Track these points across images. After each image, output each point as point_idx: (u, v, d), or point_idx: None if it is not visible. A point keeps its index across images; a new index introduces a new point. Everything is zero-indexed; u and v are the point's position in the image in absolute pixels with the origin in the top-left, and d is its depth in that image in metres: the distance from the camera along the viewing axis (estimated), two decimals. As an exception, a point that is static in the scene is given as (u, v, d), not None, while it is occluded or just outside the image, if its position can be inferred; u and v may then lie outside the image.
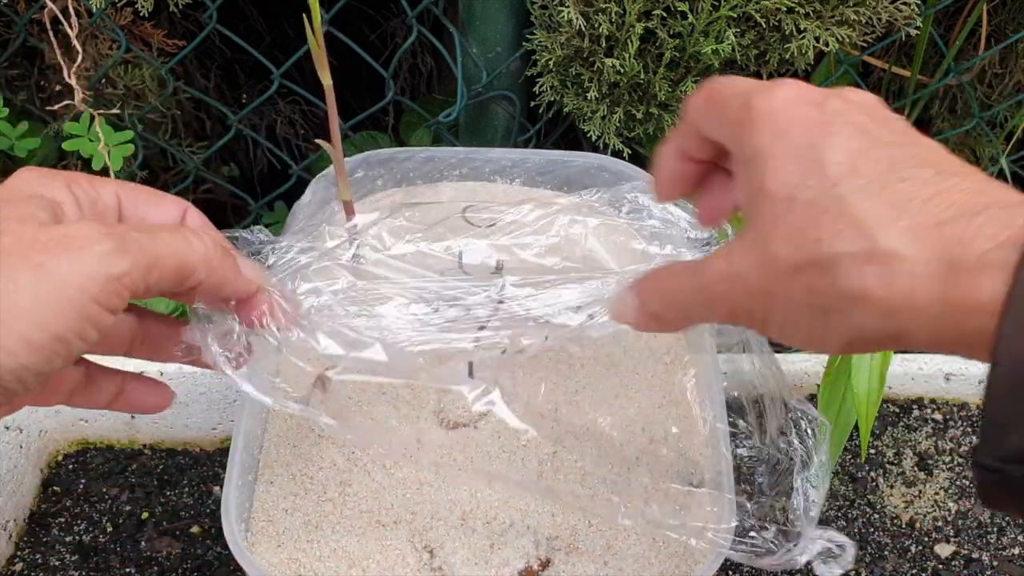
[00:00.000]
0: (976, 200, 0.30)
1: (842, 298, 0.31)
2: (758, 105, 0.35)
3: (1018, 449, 0.28)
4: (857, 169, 0.32)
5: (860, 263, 0.31)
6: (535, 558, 0.53)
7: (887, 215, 0.31)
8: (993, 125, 1.02)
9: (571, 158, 0.69)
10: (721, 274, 0.35)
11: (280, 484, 0.55)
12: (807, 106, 0.34)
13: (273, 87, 0.87)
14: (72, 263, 0.34)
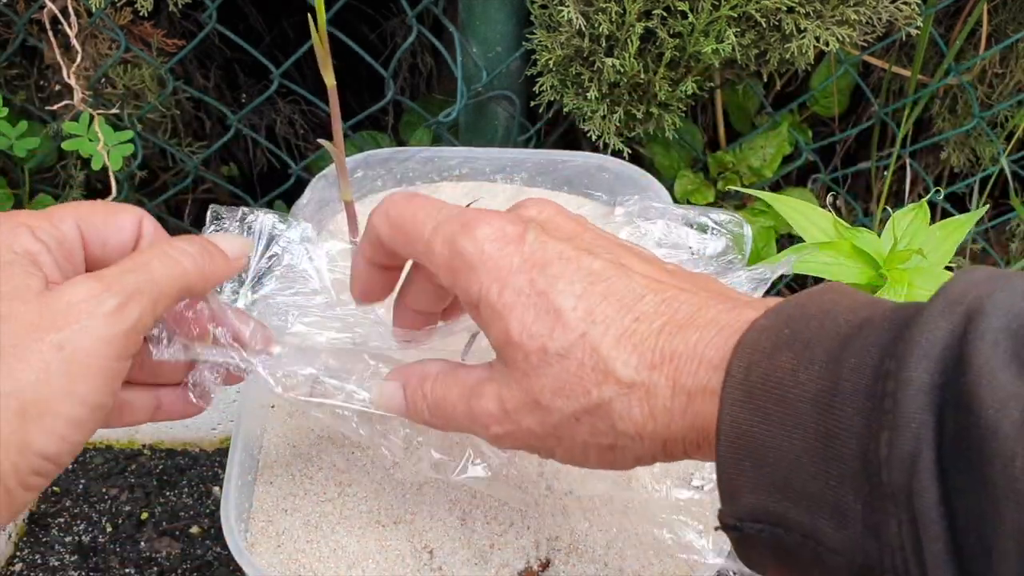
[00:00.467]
0: (695, 324, 0.35)
1: (622, 437, 0.36)
2: (466, 249, 0.37)
3: (751, 508, 0.32)
4: (594, 315, 0.35)
5: (628, 406, 0.35)
6: (535, 559, 0.53)
7: (638, 360, 0.35)
8: (994, 125, 1.02)
9: (571, 158, 0.69)
10: (497, 418, 0.38)
11: (280, 484, 0.55)
12: (512, 245, 0.37)
13: (273, 87, 0.87)
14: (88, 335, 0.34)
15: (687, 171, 0.97)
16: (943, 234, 0.66)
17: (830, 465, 0.30)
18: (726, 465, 0.33)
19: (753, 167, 0.97)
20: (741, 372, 0.33)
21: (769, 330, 0.33)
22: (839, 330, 0.32)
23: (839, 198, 1.06)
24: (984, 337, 0.28)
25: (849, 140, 1.08)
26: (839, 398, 0.30)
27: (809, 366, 0.31)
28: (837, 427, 0.30)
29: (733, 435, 0.32)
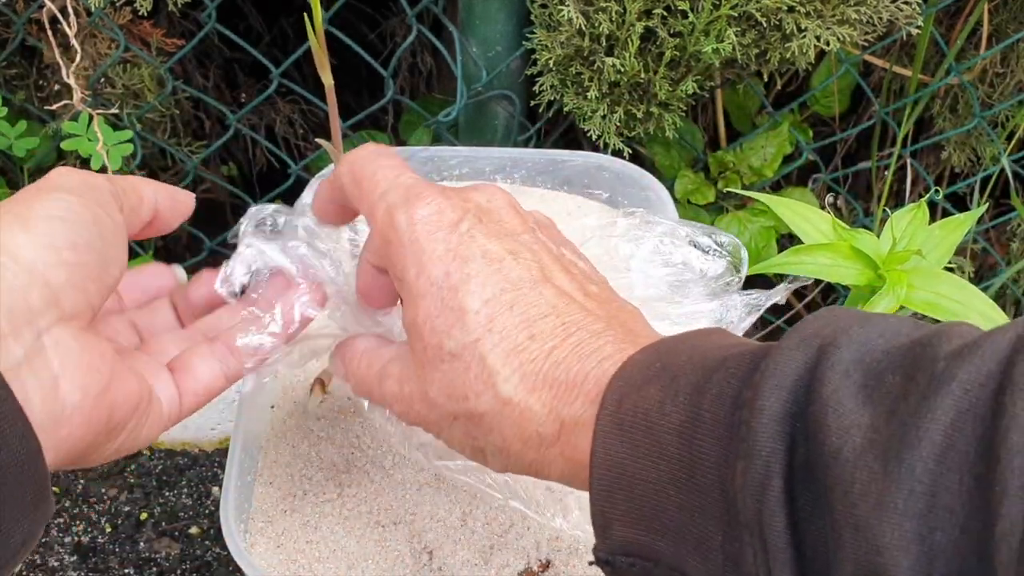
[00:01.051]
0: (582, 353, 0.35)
1: (491, 446, 0.37)
2: (400, 224, 0.38)
3: (622, 541, 0.32)
4: (493, 324, 0.36)
5: (499, 423, 0.36)
6: (535, 559, 0.52)
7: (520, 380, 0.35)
8: (994, 125, 1.01)
9: (571, 158, 0.69)
10: (397, 398, 0.40)
11: (279, 485, 0.55)
12: (443, 231, 0.37)
13: (272, 86, 0.86)
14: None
15: (687, 171, 0.97)
16: (942, 233, 0.66)
17: (693, 495, 0.30)
18: (598, 497, 0.33)
19: (754, 167, 0.97)
20: (613, 404, 0.33)
21: (642, 364, 0.34)
22: (705, 364, 0.32)
23: (840, 198, 1.06)
24: (835, 368, 0.28)
25: (850, 140, 1.08)
26: (700, 428, 0.30)
27: (675, 398, 0.31)
28: (699, 457, 0.30)
29: (605, 467, 0.32)
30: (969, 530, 0.24)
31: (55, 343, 0.33)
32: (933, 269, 0.64)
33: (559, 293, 0.37)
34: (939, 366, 0.27)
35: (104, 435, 0.36)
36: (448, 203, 0.38)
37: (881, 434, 0.26)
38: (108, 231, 0.37)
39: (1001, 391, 0.25)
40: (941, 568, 0.24)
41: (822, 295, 1.12)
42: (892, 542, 0.25)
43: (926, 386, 0.26)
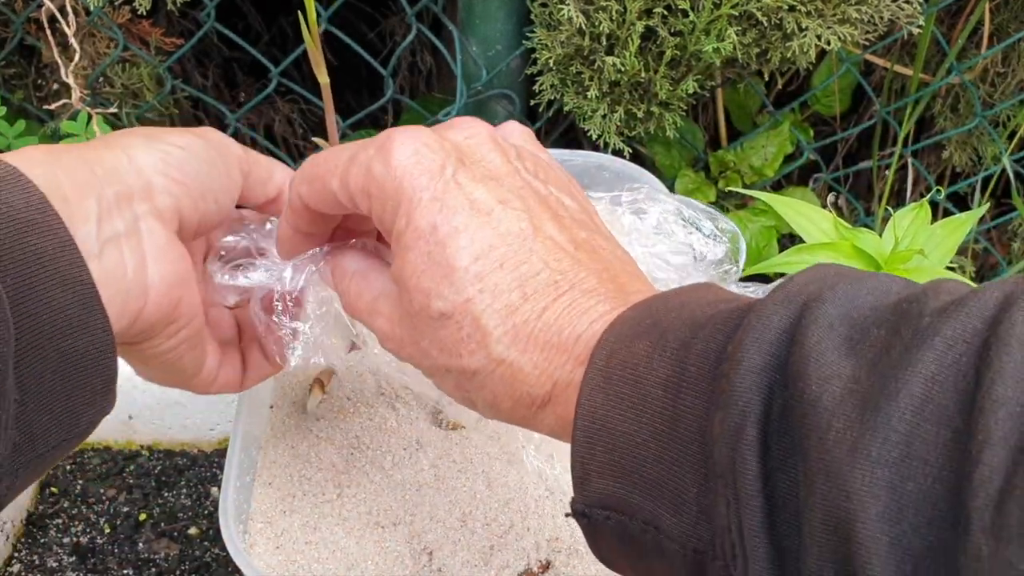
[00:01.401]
0: (575, 311, 0.35)
1: (482, 402, 0.37)
2: (379, 174, 0.37)
3: (600, 494, 0.32)
4: (484, 282, 0.35)
5: (491, 381, 0.36)
6: (535, 560, 0.52)
7: (512, 340, 0.35)
8: (996, 124, 1.01)
9: (571, 157, 0.69)
10: (387, 336, 0.40)
11: (278, 485, 0.55)
12: (428, 176, 0.36)
13: (271, 86, 0.86)
14: None
15: (688, 170, 0.96)
16: (944, 233, 0.66)
17: (673, 448, 0.30)
18: (580, 450, 0.33)
19: (754, 166, 0.96)
20: (602, 359, 0.33)
21: (632, 320, 0.34)
22: (695, 319, 0.32)
23: (841, 197, 1.05)
24: (819, 321, 0.28)
25: (851, 139, 1.08)
26: (686, 382, 0.30)
27: (663, 353, 0.32)
28: (682, 410, 0.30)
29: (588, 420, 0.33)
30: (943, 480, 0.24)
31: (148, 230, 0.39)
32: (935, 269, 0.64)
33: (550, 246, 0.36)
34: (924, 321, 0.27)
35: (164, 323, 0.40)
36: (425, 144, 0.37)
37: (861, 384, 0.26)
38: (218, 177, 0.42)
39: (986, 347, 0.25)
40: (911, 517, 0.24)
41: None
42: (862, 488, 0.25)
43: (910, 340, 0.26)
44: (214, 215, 0.43)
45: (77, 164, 0.37)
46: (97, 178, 0.37)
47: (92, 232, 0.36)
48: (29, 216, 0.33)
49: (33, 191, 0.34)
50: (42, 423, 0.34)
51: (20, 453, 0.33)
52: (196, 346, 0.43)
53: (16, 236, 0.33)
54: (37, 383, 0.33)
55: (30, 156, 0.36)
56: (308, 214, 0.42)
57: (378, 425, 0.57)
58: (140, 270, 0.38)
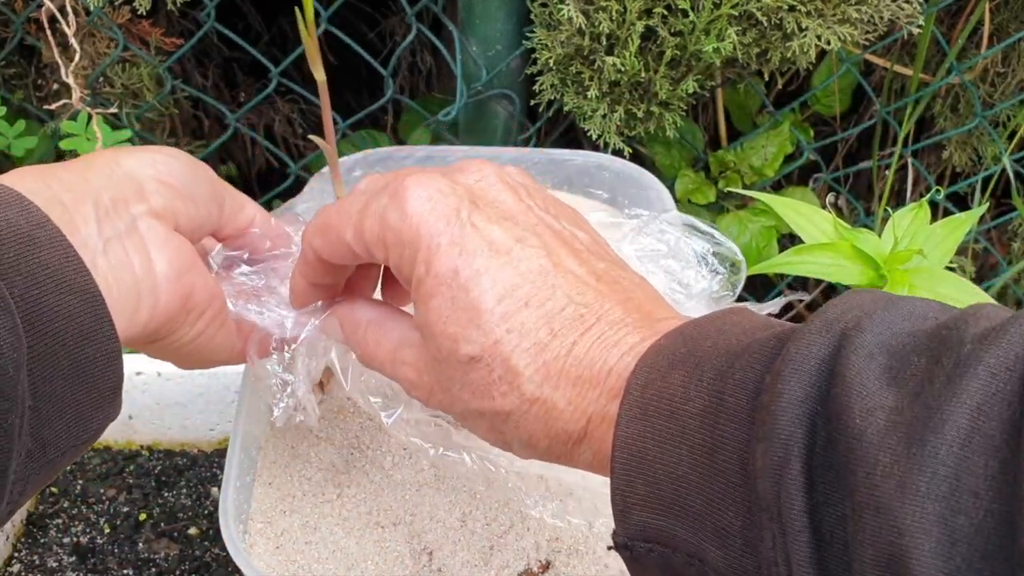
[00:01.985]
0: (604, 344, 0.35)
1: (517, 443, 0.37)
2: (395, 224, 0.37)
3: (642, 527, 0.32)
4: (510, 322, 0.35)
5: (526, 420, 0.36)
6: (536, 560, 0.52)
7: (544, 378, 0.35)
8: (996, 124, 1.01)
9: (571, 157, 0.69)
10: (414, 384, 0.40)
11: (278, 485, 0.55)
12: (443, 222, 0.36)
13: (271, 86, 0.86)
14: None
15: (688, 170, 0.96)
16: (943, 233, 0.66)
17: (713, 481, 0.30)
18: (619, 482, 0.33)
19: (754, 166, 0.96)
20: (637, 391, 0.33)
21: (667, 350, 0.34)
22: (730, 349, 0.32)
23: (841, 197, 1.05)
24: (858, 352, 0.28)
25: (851, 139, 1.08)
26: (723, 413, 0.30)
27: (699, 383, 0.31)
28: (721, 441, 0.30)
29: (627, 452, 0.32)
30: (994, 512, 0.24)
31: (147, 227, 0.40)
32: (935, 269, 0.63)
33: (572, 280, 0.36)
34: (965, 349, 0.26)
35: (184, 311, 0.41)
36: (438, 189, 0.37)
37: (905, 416, 0.26)
38: (200, 187, 0.43)
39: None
40: (964, 551, 0.24)
41: (823, 295, 1.11)
42: (913, 524, 0.24)
43: (952, 369, 0.26)
44: (205, 221, 0.44)
45: (70, 176, 0.38)
46: (92, 185, 0.38)
47: (93, 233, 0.37)
48: (31, 232, 0.34)
49: (33, 209, 0.35)
50: (53, 429, 0.35)
51: (32, 459, 0.34)
52: (223, 325, 0.44)
53: (21, 250, 0.34)
54: (49, 390, 0.34)
55: (22, 173, 0.37)
56: (321, 266, 0.42)
57: (378, 425, 0.57)
58: (147, 264, 0.39)
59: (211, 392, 0.83)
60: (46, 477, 0.36)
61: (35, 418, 0.33)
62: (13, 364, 0.32)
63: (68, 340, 0.34)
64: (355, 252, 0.39)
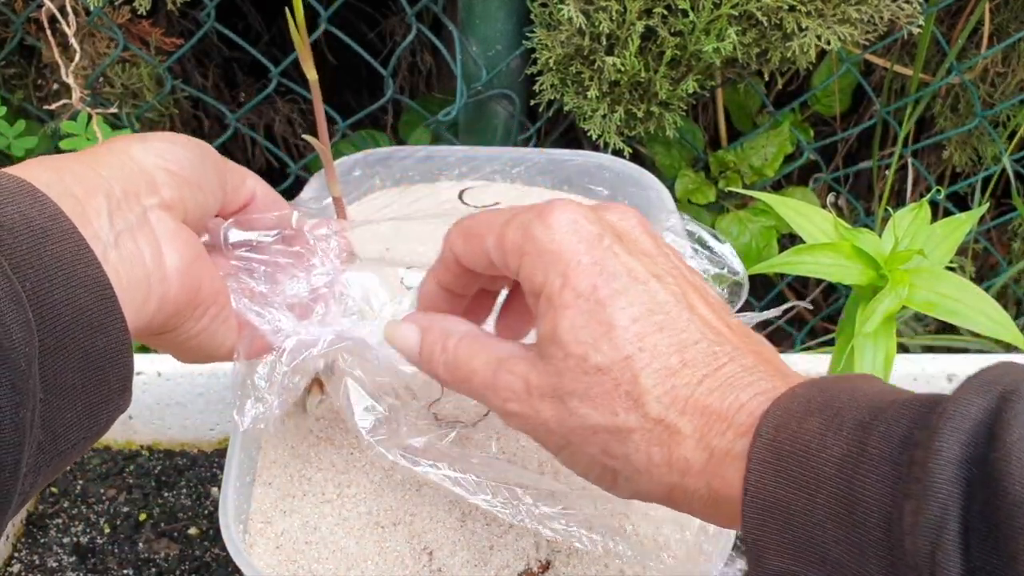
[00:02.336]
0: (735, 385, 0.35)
1: (630, 466, 0.36)
2: (538, 236, 0.38)
3: (776, 572, 0.32)
4: (644, 342, 0.35)
5: (647, 441, 0.35)
6: (535, 560, 0.52)
7: (671, 402, 0.35)
8: (996, 124, 1.01)
9: (571, 157, 0.69)
10: (518, 397, 0.38)
11: (278, 485, 0.55)
12: (585, 243, 0.37)
13: (271, 86, 0.86)
14: None
15: (688, 170, 0.96)
16: (944, 233, 0.66)
17: (853, 531, 0.30)
18: (751, 527, 0.33)
19: (754, 166, 0.96)
20: (770, 434, 0.33)
21: (802, 397, 0.33)
22: (872, 402, 0.32)
23: (841, 197, 1.05)
24: (1019, 417, 0.28)
25: (851, 139, 1.08)
26: (864, 463, 0.30)
27: (838, 431, 0.31)
28: (861, 493, 0.30)
29: (759, 496, 0.32)
30: None
31: (157, 219, 0.40)
32: (935, 269, 0.63)
33: (705, 322, 0.37)
34: None
35: (192, 305, 0.42)
36: (584, 216, 0.38)
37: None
38: (207, 172, 0.44)
39: None
40: None
41: (823, 295, 1.12)
42: None
43: None
44: (211, 207, 0.45)
45: (81, 168, 0.39)
46: (103, 178, 0.39)
47: (105, 225, 0.38)
48: (44, 225, 0.34)
49: (46, 201, 0.35)
50: (64, 421, 0.35)
51: (43, 452, 0.34)
52: (226, 320, 0.45)
53: (34, 243, 0.34)
54: (59, 382, 0.34)
55: (35, 165, 0.38)
56: (456, 269, 0.43)
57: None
58: (158, 256, 0.40)
59: (211, 392, 0.83)
60: (56, 469, 0.36)
61: (46, 410, 0.34)
62: (25, 358, 0.32)
63: (79, 333, 0.35)
64: (490, 259, 0.40)
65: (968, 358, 0.87)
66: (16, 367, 0.31)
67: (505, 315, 0.47)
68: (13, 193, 0.35)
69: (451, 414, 0.56)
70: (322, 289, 0.49)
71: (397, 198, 0.67)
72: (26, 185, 0.35)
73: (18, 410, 0.32)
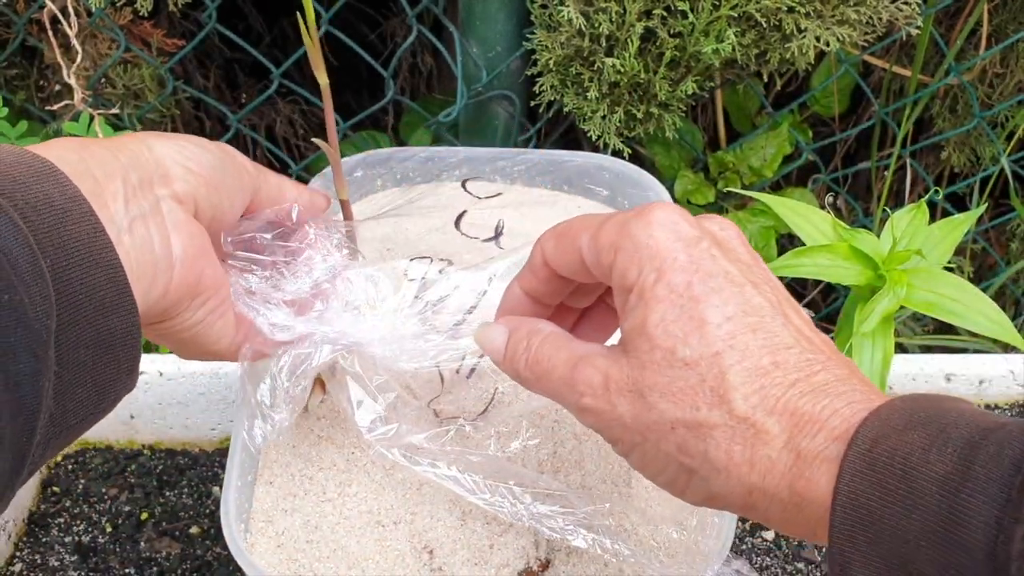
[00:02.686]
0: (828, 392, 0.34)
1: (708, 465, 0.35)
2: (635, 232, 0.37)
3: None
4: (735, 341, 0.35)
5: (729, 438, 0.34)
6: (535, 559, 0.52)
7: (759, 401, 0.34)
8: (994, 125, 1.01)
9: (571, 158, 0.69)
10: (595, 391, 0.38)
11: (279, 484, 0.55)
12: (682, 243, 0.37)
13: (272, 87, 0.86)
14: None
15: (687, 171, 0.97)
16: (942, 233, 0.66)
17: (951, 552, 0.29)
18: (839, 535, 0.32)
19: (753, 167, 0.97)
20: (867, 444, 0.32)
21: (902, 411, 0.33)
22: (980, 422, 0.31)
23: (839, 198, 1.06)
24: None
25: (849, 140, 1.08)
26: (970, 483, 0.29)
27: (943, 448, 0.31)
28: (964, 513, 0.29)
29: (850, 506, 0.32)
30: None
31: (169, 209, 0.42)
32: (933, 269, 0.64)
33: (798, 331, 0.36)
34: None
35: (191, 295, 0.43)
36: (683, 218, 0.38)
37: None
38: (229, 178, 0.45)
39: None
40: None
41: (822, 295, 1.12)
42: None
43: None
44: (227, 213, 0.46)
45: (103, 152, 0.40)
46: (121, 164, 0.40)
47: (121, 210, 0.39)
48: (64, 205, 0.36)
49: (68, 184, 0.37)
50: (75, 396, 0.36)
51: (53, 423, 0.35)
52: (223, 315, 0.46)
53: (55, 222, 0.35)
54: (73, 357, 0.35)
55: (62, 144, 0.39)
56: (544, 273, 0.42)
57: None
58: (165, 244, 0.41)
59: (213, 392, 0.83)
60: (62, 443, 0.37)
61: (59, 384, 0.35)
62: (46, 330, 0.33)
63: (91, 312, 0.36)
64: (583, 261, 0.40)
65: (966, 358, 0.87)
66: (39, 337, 0.33)
67: (583, 325, 0.46)
68: (39, 174, 0.36)
69: (451, 412, 0.56)
70: (324, 284, 0.49)
71: (398, 198, 0.67)
72: (50, 166, 0.37)
73: (38, 378, 0.33)
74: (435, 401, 0.55)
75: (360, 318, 0.49)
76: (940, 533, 0.29)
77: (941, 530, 0.29)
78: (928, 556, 0.30)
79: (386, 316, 0.49)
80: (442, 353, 0.49)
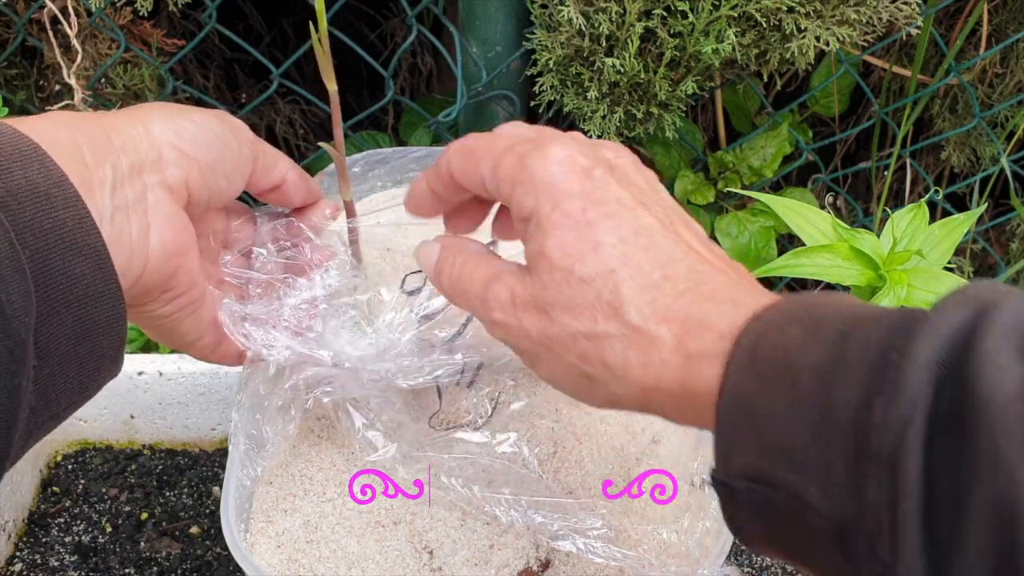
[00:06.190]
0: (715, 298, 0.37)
1: (607, 371, 0.38)
2: (533, 166, 0.40)
3: (743, 468, 0.34)
4: (628, 260, 0.38)
5: (624, 346, 0.37)
6: (535, 559, 0.53)
7: (651, 312, 0.37)
8: (994, 125, 1.02)
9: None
10: (503, 306, 0.41)
11: (280, 485, 0.55)
12: (576, 174, 0.39)
13: (272, 87, 0.87)
14: None
15: (687, 171, 0.97)
16: (942, 233, 0.66)
17: (824, 433, 0.31)
18: (724, 427, 0.34)
19: (753, 167, 0.97)
20: (750, 342, 0.34)
21: (783, 310, 0.35)
22: (854, 313, 0.33)
23: (839, 198, 1.06)
24: (993, 327, 0.29)
25: (849, 140, 1.08)
26: (843, 370, 0.31)
27: (816, 339, 0.33)
28: (837, 396, 0.31)
29: (735, 399, 0.34)
30: None
31: (156, 200, 0.41)
32: (933, 269, 0.64)
33: (689, 245, 0.39)
34: None
35: (161, 289, 0.43)
36: (579, 151, 0.40)
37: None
38: (230, 154, 0.45)
39: None
40: None
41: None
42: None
43: None
44: (225, 191, 0.46)
45: (97, 131, 0.40)
46: (114, 147, 0.40)
47: (106, 198, 0.39)
48: (48, 190, 0.36)
49: (53, 167, 0.36)
50: (56, 387, 0.36)
51: (35, 415, 0.35)
52: (194, 314, 0.46)
53: (36, 210, 0.35)
54: (54, 349, 0.35)
55: (55, 119, 0.39)
56: (448, 181, 0.44)
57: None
58: (143, 237, 0.41)
59: (213, 392, 0.83)
60: (47, 429, 0.37)
61: (39, 376, 0.35)
62: (24, 327, 0.33)
63: (73, 301, 0.36)
64: (481, 183, 0.42)
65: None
66: (16, 336, 0.32)
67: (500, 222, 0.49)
68: (24, 156, 0.36)
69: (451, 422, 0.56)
70: (321, 304, 0.50)
71: (398, 198, 0.67)
72: (36, 149, 0.36)
73: (14, 377, 0.33)
74: (434, 417, 0.55)
75: (358, 336, 0.50)
76: (816, 419, 0.31)
77: (817, 416, 0.31)
78: (805, 439, 0.32)
79: (382, 332, 0.50)
80: (438, 368, 0.50)
